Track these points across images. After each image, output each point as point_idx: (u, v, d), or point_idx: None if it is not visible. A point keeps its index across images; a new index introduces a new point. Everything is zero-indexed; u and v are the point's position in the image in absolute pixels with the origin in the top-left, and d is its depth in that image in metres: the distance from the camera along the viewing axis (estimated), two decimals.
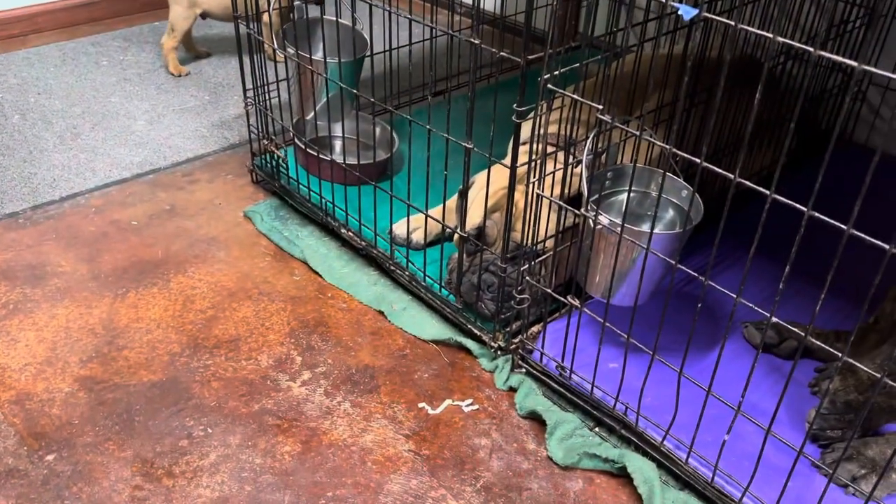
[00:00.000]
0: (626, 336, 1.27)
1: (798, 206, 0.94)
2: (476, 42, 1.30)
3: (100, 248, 1.87)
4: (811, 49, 0.86)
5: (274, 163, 2.02)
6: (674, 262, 1.16)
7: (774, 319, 1.04)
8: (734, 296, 1.07)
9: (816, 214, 0.93)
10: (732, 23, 0.93)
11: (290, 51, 1.86)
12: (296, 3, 1.86)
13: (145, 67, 2.74)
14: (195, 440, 1.40)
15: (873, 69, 0.82)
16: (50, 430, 1.40)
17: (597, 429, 1.43)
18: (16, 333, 1.61)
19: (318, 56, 1.94)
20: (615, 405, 1.38)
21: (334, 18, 1.96)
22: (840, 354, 0.99)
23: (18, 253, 1.84)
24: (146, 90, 2.59)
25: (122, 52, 2.84)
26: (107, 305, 1.70)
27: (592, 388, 1.41)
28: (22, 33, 2.92)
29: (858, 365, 0.99)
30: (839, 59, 0.85)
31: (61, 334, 1.61)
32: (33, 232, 1.91)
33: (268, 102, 1.99)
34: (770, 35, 0.89)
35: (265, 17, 2.37)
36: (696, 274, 1.14)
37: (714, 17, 0.97)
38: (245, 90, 2.00)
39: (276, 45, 1.93)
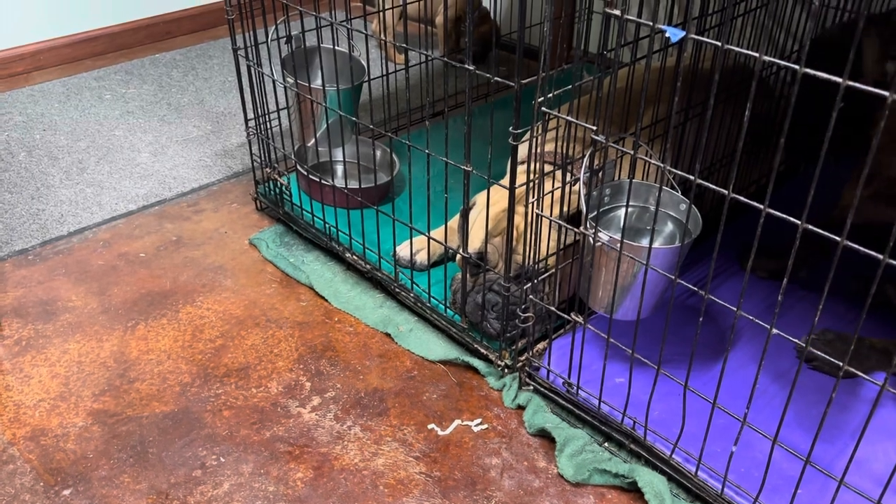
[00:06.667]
0: (630, 351, 1.29)
1: (792, 219, 0.95)
2: (471, 69, 1.32)
3: (109, 282, 1.89)
4: (797, 67, 0.88)
5: (277, 190, 2.05)
6: (674, 277, 1.18)
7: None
8: (735, 308, 1.08)
9: (810, 227, 0.94)
10: (719, 43, 0.95)
11: (290, 80, 1.89)
12: (294, 33, 1.89)
13: (148, 100, 2.78)
14: (208, 470, 1.41)
15: (856, 84, 0.83)
16: (65, 465, 1.42)
17: (606, 444, 1.44)
18: (29, 370, 1.63)
19: (317, 84, 1.97)
20: (623, 420, 1.39)
21: (332, 47, 2.00)
22: (840, 364, 1.00)
23: (29, 289, 1.87)
24: (149, 122, 2.63)
25: (125, 85, 2.89)
26: (117, 338, 1.72)
27: (600, 403, 1.42)
28: (25, 70, 2.97)
29: (853, 371, 1.00)
30: (824, 75, 0.86)
31: (74, 369, 1.64)
32: (43, 268, 1.94)
33: (269, 131, 2.02)
34: (756, 55, 0.91)
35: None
36: (696, 289, 1.16)
37: (701, 38, 0.99)
38: (247, 119, 2.03)
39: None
